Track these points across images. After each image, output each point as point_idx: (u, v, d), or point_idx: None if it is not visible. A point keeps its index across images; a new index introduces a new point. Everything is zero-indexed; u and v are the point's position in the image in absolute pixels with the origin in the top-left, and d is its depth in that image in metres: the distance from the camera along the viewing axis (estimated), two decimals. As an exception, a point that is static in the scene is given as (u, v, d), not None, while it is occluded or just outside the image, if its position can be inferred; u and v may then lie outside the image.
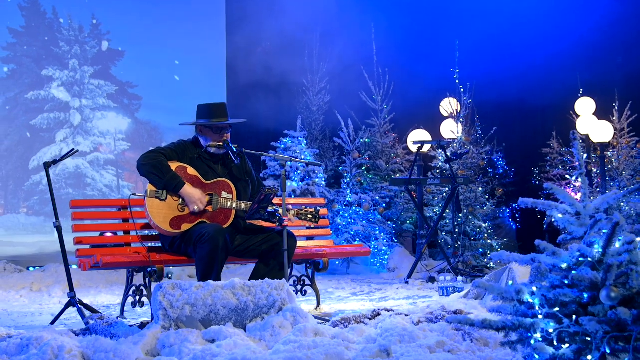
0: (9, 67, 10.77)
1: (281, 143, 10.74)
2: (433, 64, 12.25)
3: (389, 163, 11.90)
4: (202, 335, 4.40)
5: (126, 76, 11.68)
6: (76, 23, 11.29)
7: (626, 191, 3.71)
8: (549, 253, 3.51)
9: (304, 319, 4.57)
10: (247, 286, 4.74)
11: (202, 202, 5.96)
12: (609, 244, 3.48)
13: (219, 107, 6.36)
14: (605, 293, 3.26)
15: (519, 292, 3.52)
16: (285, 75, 12.01)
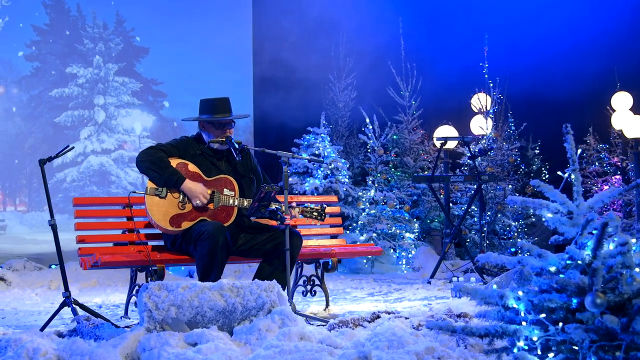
0: (33, 65, 10.78)
1: (304, 140, 10.56)
2: (462, 58, 11.96)
3: (416, 160, 11.65)
4: (184, 338, 4.24)
5: (151, 73, 11.62)
6: (100, 20, 11.26)
7: (623, 189, 3.45)
8: (535, 255, 3.27)
9: (292, 322, 4.38)
10: (236, 287, 4.57)
11: (204, 195, 5.82)
12: (598, 246, 3.23)
13: (221, 102, 6.20)
14: (590, 299, 3.01)
15: (503, 297, 3.29)
16: (311, 71, 11.84)
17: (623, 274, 3.10)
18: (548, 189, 3.40)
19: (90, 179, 10.99)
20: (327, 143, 10.49)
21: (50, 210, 5.54)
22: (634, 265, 3.26)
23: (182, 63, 11.63)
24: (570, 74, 12.57)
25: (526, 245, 3.24)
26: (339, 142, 11.71)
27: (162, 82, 11.63)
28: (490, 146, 10.69)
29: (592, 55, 12.49)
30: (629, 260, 3.26)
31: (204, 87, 11.77)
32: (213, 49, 11.85)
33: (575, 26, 12.49)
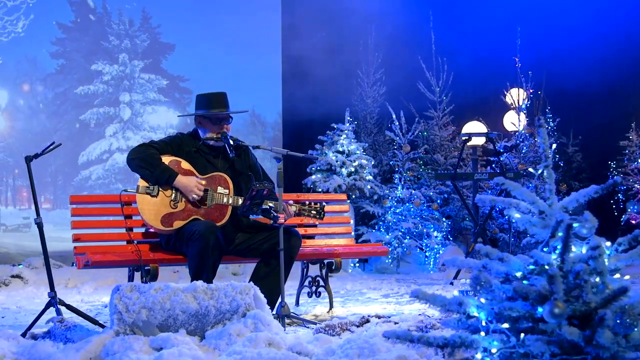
0: (59, 62, 10.77)
1: (328, 137, 10.33)
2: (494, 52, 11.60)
3: (447, 157, 11.33)
4: (149, 343, 4.06)
5: (177, 70, 11.52)
6: (126, 17, 11.20)
7: (599, 187, 3.16)
8: (496, 259, 3.00)
9: (265, 327, 4.17)
10: (210, 290, 4.38)
11: (199, 189, 5.64)
12: (565, 250, 2.95)
13: (218, 97, 6.02)
14: (547, 309, 2.74)
15: (462, 305, 3.03)
16: (340, 66, 11.61)
17: (587, 280, 2.81)
18: (514, 187, 3.13)
19: (115, 176, 10.94)
20: (352, 140, 10.24)
21: (36, 209, 5.43)
22: (606, 271, 2.97)
23: (208, 59, 11.51)
24: (611, 63, 12.06)
25: (484, 248, 2.97)
26: (367, 138, 11.45)
27: (188, 79, 11.53)
28: (515, 142, 10.31)
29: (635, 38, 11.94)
30: (601, 266, 2.97)
31: (231, 83, 11.63)
32: (241, 45, 11.69)
33: (617, 6, 11.98)
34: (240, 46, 11.73)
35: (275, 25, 12.13)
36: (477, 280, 2.94)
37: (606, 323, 2.67)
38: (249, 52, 11.81)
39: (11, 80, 10.44)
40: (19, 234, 10.45)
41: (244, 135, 11.66)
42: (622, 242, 3.09)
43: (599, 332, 2.68)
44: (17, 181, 10.48)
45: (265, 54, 12.03)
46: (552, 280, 2.76)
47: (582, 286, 2.81)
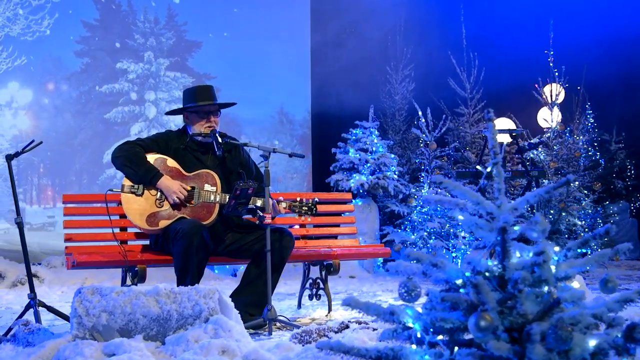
0: (83, 61, 10.75)
1: (352, 134, 10.09)
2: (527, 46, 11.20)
3: (478, 155, 10.97)
4: (102, 349, 3.90)
5: (203, 67, 11.41)
6: (151, 15, 11.13)
7: (550, 187, 2.88)
8: (429, 265, 2.75)
9: (226, 333, 3.98)
10: (173, 293, 4.20)
11: (181, 192, 5.48)
12: (505, 255, 2.68)
13: (204, 90, 5.86)
14: (472, 321, 2.48)
15: (394, 314, 2.78)
16: (368, 63, 11.37)
17: (522, 290, 2.54)
18: (454, 186, 2.86)
19: (140, 175, 10.86)
20: (375, 137, 9.98)
21: (17, 208, 5.34)
22: (551, 279, 2.69)
23: (235, 57, 11.38)
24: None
25: (414, 253, 2.72)
26: (396, 136, 11.18)
27: (215, 77, 11.40)
28: (540, 139, 9.92)
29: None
30: (546, 274, 2.69)
31: (259, 81, 11.50)
32: (268, 42, 11.53)
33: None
34: (268, 43, 11.57)
35: (303, 22, 11.94)
36: (406, 288, 2.68)
37: (534, 337, 2.40)
38: (277, 49, 11.64)
39: (36, 79, 10.46)
40: (44, 232, 10.47)
41: (271, 133, 11.53)
42: (572, 246, 2.81)
43: (529, 347, 2.41)
44: (42, 180, 10.50)
45: (294, 51, 11.85)
46: (479, 290, 2.49)
47: (516, 296, 2.53)
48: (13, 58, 10.27)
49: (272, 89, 11.64)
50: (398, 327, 2.83)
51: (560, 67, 10.36)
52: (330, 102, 11.62)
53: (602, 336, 2.55)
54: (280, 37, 11.66)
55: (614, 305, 2.82)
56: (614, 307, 2.82)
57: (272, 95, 11.73)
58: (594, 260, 2.86)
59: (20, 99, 10.35)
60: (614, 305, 2.82)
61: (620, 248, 2.86)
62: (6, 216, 10.26)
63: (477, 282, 2.48)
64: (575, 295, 2.81)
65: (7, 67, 10.24)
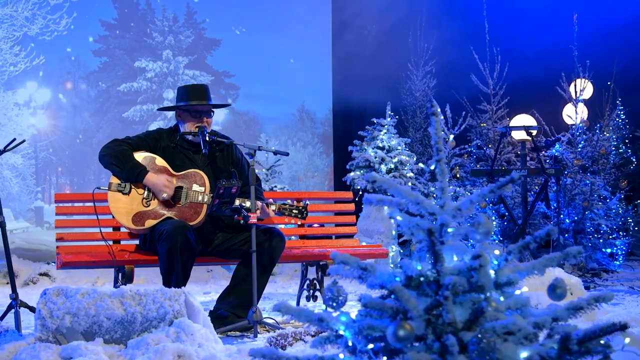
0: (101, 60, 10.75)
1: (368, 132, 9.91)
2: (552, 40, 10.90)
3: (501, 152, 10.72)
4: (59, 352, 3.81)
5: (223, 65, 11.33)
6: (170, 13, 11.08)
7: (494, 185, 2.69)
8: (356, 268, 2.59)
9: (188, 336, 3.85)
10: (139, 295, 4.09)
11: (169, 188, 5.38)
12: (436, 259, 2.51)
13: (198, 89, 5.74)
14: (390, 330, 2.31)
15: (322, 321, 2.62)
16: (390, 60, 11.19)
17: (448, 297, 2.36)
18: (390, 184, 2.69)
19: (159, 174, 10.83)
20: (392, 135, 9.79)
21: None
22: (488, 285, 2.51)
23: (255, 55, 11.28)
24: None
25: (341, 257, 2.56)
26: (417, 133, 10.97)
27: (234, 75, 11.32)
28: (557, 136, 9.61)
29: None
30: (483, 279, 2.51)
31: (279, 79, 11.40)
32: (289, 39, 11.42)
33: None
34: (289, 40, 11.45)
35: (325, 18, 11.79)
36: (330, 293, 2.52)
37: (451, 349, 2.22)
38: (298, 46, 11.52)
39: (54, 78, 10.49)
40: (62, 231, 10.48)
41: (292, 131, 11.41)
42: (513, 250, 2.62)
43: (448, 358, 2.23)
44: (60, 179, 10.51)
45: (315, 48, 11.72)
46: (400, 295, 2.32)
47: (441, 303, 2.36)
48: (31, 58, 10.31)
49: (293, 87, 11.52)
50: (331, 334, 2.67)
51: (584, 61, 10.02)
52: (352, 100, 11.46)
53: (536, 347, 2.36)
54: (301, 33, 11.54)
55: (563, 313, 2.63)
56: (562, 315, 2.62)
57: (293, 93, 11.61)
58: (541, 265, 2.67)
59: (39, 98, 10.38)
60: (563, 313, 2.63)
61: (570, 251, 2.66)
62: (25, 215, 10.31)
63: (393, 287, 2.32)
64: (519, 302, 2.63)
65: (25, 66, 10.28)
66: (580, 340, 2.33)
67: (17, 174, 10.23)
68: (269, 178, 10.16)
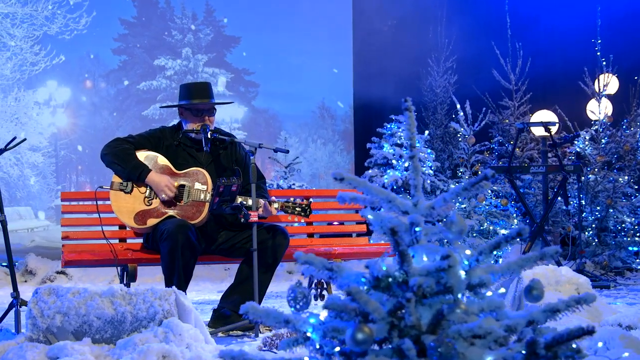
0: (121, 58, 10.77)
1: (387, 129, 9.81)
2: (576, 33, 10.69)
3: (523, 149, 10.55)
4: (46, 352, 3.78)
5: (242, 63, 11.30)
6: (189, 11, 11.08)
7: (468, 182, 2.60)
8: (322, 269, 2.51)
9: (176, 337, 3.80)
10: (129, 294, 4.05)
11: (170, 188, 5.34)
12: (402, 259, 2.42)
13: (200, 87, 5.68)
14: (348, 333, 2.23)
15: (289, 322, 2.55)
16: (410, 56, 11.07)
17: (410, 299, 2.27)
18: (359, 182, 2.61)
19: (179, 172, 10.84)
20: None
21: (0, 206, 5.26)
22: (457, 286, 2.42)
23: (275, 52, 11.23)
24: None
25: (305, 257, 2.48)
26: (437, 130, 10.84)
27: (254, 72, 11.29)
28: (576, 132, 9.42)
29: None
30: (453, 280, 2.42)
31: (299, 76, 11.34)
32: (309, 36, 11.35)
33: None
34: (309, 37, 11.38)
35: (345, 15, 11.69)
36: (293, 294, 2.45)
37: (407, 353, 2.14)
38: (318, 43, 11.45)
39: (74, 77, 10.54)
40: (82, 229, 10.53)
41: (312, 129, 11.34)
42: (484, 250, 2.52)
43: (406, 363, 2.15)
44: (80, 177, 10.56)
45: (335, 45, 11.64)
46: (357, 297, 2.24)
47: (403, 305, 2.27)
48: (51, 57, 10.36)
49: (313, 84, 11.46)
50: (300, 336, 2.60)
51: (608, 55, 9.80)
52: (373, 96, 11.34)
53: (503, 352, 2.27)
54: (321, 30, 11.46)
55: (539, 315, 2.52)
56: (538, 318, 2.52)
57: (313, 90, 11.55)
58: (516, 265, 2.57)
59: (59, 97, 10.44)
60: (539, 315, 2.52)
61: (547, 251, 2.56)
62: (47, 212, 10.38)
63: (351, 289, 2.23)
64: (494, 304, 2.53)
65: (45, 65, 10.34)
66: (548, 344, 2.22)
67: (38, 172, 10.30)
68: (287, 176, 10.11)
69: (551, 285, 4.88)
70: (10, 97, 10.18)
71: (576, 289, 4.95)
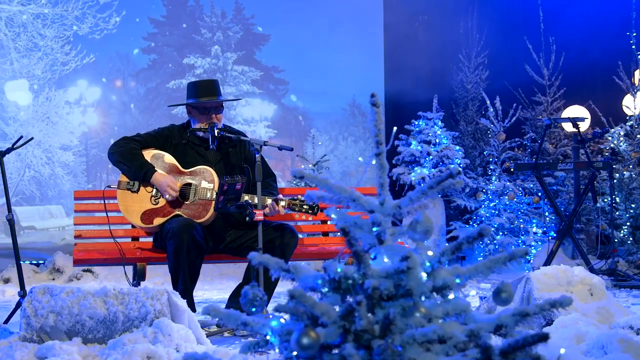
0: (150, 58, 10.81)
1: (414, 125, 9.67)
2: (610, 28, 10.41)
3: (557, 146, 10.32)
4: (35, 352, 3.76)
5: (272, 60, 11.25)
6: (218, 9, 11.07)
7: (433, 181, 2.49)
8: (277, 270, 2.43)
9: (165, 337, 3.76)
10: (122, 294, 4.02)
11: (173, 189, 5.31)
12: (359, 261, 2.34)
13: (206, 85, 5.64)
14: (293, 338, 2.14)
15: (247, 325, 2.48)
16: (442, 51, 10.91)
17: (360, 302, 2.18)
18: (319, 181, 2.52)
19: (208, 170, 10.84)
20: (439, 128, 9.52)
21: (8, 205, 5.29)
22: (416, 289, 2.32)
23: (305, 49, 11.15)
24: None
25: (259, 257, 2.40)
26: (468, 126, 10.66)
27: (283, 70, 11.23)
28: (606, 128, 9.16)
29: None
30: (412, 282, 2.32)
31: (330, 73, 11.25)
32: (339, 33, 11.24)
33: None
34: (339, 34, 11.28)
35: (376, 11, 11.57)
36: (247, 297, 2.37)
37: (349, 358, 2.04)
38: (348, 39, 11.34)
39: (103, 76, 10.60)
40: (113, 228, 10.59)
41: (343, 126, 11.25)
42: (446, 251, 2.41)
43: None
44: (111, 176, 10.61)
45: (366, 41, 11.51)
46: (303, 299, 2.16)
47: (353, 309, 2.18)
48: (82, 56, 10.43)
49: (343, 81, 11.35)
50: (260, 339, 2.52)
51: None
52: (404, 93, 11.20)
53: (458, 358, 2.16)
54: (352, 26, 11.35)
55: (508, 319, 2.41)
56: (507, 322, 2.41)
57: (343, 87, 11.44)
58: (484, 267, 2.46)
59: (89, 97, 10.51)
60: (508, 319, 2.41)
61: (516, 252, 2.45)
62: (78, 212, 10.44)
63: (293, 292, 2.15)
64: (459, 307, 2.43)
65: (76, 65, 10.42)
66: (503, 350, 2.11)
67: (69, 171, 10.38)
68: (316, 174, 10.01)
69: (562, 286, 4.72)
70: (41, 96, 10.28)
71: (589, 290, 4.78)
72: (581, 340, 3.74)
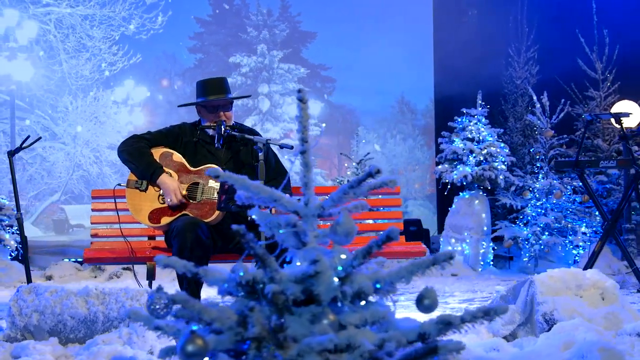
0: (197, 57, 10.87)
1: (458, 123, 9.44)
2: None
3: (611, 143, 9.93)
4: (11, 351, 3.76)
5: (318, 58, 11.18)
6: (264, 7, 11.05)
7: (355, 180, 2.36)
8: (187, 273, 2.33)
9: (139, 338, 3.71)
10: (103, 294, 3.99)
11: (176, 194, 5.25)
12: (262, 264, 2.23)
13: (214, 83, 5.55)
14: (179, 345, 2.05)
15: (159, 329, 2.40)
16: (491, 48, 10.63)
17: (253, 308, 2.07)
18: (235, 180, 2.41)
19: (254, 169, 10.84)
20: (482, 125, 9.26)
21: (17, 204, 5.35)
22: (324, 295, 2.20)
23: (353, 47, 11.05)
24: None
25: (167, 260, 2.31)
26: (517, 123, 10.36)
27: (330, 67, 11.14)
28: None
29: None
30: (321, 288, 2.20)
31: (378, 70, 11.12)
32: (387, 29, 11.10)
33: None
34: (387, 31, 11.13)
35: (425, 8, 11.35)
36: (151, 301, 2.28)
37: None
38: (397, 36, 11.18)
39: (150, 76, 10.71)
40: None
41: (391, 124, 11.10)
42: (358, 254, 2.28)
43: (234, 379, 1.95)
44: (157, 175, 10.71)
45: (415, 38, 11.33)
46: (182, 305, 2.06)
47: (246, 316, 2.07)
48: (129, 57, 10.56)
49: (392, 78, 11.20)
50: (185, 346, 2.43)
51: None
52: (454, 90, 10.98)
53: (357, 369, 2.03)
54: (401, 22, 11.19)
55: (431, 328, 2.27)
56: (430, 331, 2.26)
57: (392, 85, 11.29)
58: (406, 271, 2.32)
59: (136, 96, 10.63)
60: (431, 328, 2.27)
61: (438, 257, 2.30)
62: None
63: (175, 296, 2.05)
64: (377, 314, 2.29)
65: (123, 65, 10.55)
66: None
67: (116, 170, 10.52)
68: (359, 172, 9.90)
69: (570, 290, 4.48)
70: (89, 96, 10.44)
71: (601, 294, 4.52)
72: (569, 348, 3.53)
